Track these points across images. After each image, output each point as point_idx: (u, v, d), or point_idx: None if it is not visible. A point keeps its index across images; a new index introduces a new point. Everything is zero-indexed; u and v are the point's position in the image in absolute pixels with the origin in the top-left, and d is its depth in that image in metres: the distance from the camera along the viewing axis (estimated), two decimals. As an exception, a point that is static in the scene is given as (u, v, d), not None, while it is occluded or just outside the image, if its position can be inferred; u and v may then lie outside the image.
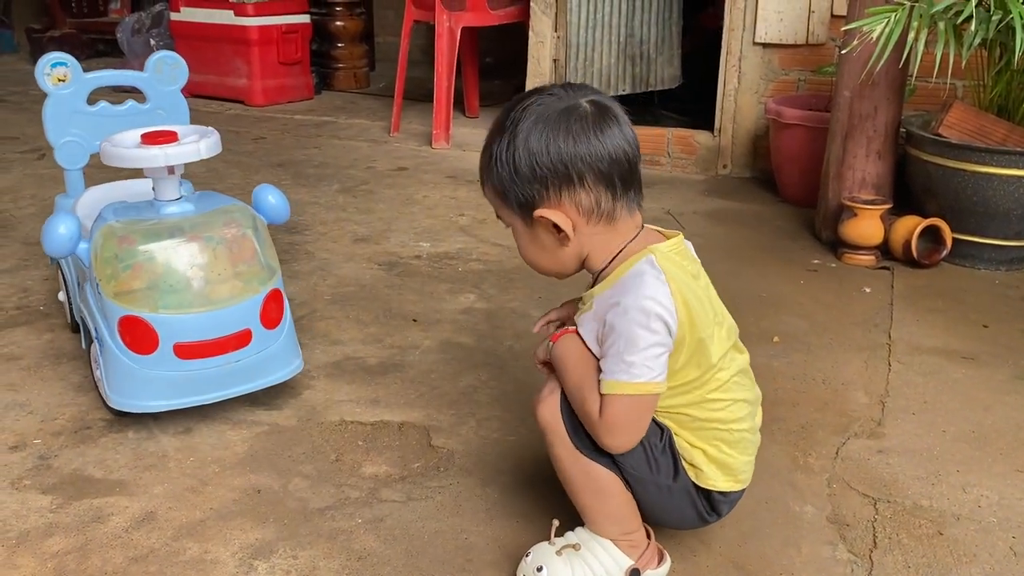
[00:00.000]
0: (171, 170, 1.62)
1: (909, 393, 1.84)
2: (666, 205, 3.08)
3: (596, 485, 1.23)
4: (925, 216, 2.52)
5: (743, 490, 1.29)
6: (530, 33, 3.66)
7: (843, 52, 2.52)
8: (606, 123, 1.16)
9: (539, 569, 1.24)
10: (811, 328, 2.14)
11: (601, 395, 1.16)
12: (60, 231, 1.59)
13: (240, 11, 4.51)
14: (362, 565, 1.32)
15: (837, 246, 2.61)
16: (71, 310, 1.97)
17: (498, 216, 1.26)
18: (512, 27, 4.06)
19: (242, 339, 1.63)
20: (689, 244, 1.30)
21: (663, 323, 1.13)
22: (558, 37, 3.62)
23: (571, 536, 1.27)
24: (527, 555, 1.27)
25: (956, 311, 2.25)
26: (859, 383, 1.88)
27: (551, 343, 1.26)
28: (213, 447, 1.62)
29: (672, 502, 1.25)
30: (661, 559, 1.29)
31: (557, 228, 1.18)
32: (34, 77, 1.90)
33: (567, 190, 1.16)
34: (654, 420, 1.22)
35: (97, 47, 6.01)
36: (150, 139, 1.59)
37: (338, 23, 5.08)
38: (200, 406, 1.66)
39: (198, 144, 1.60)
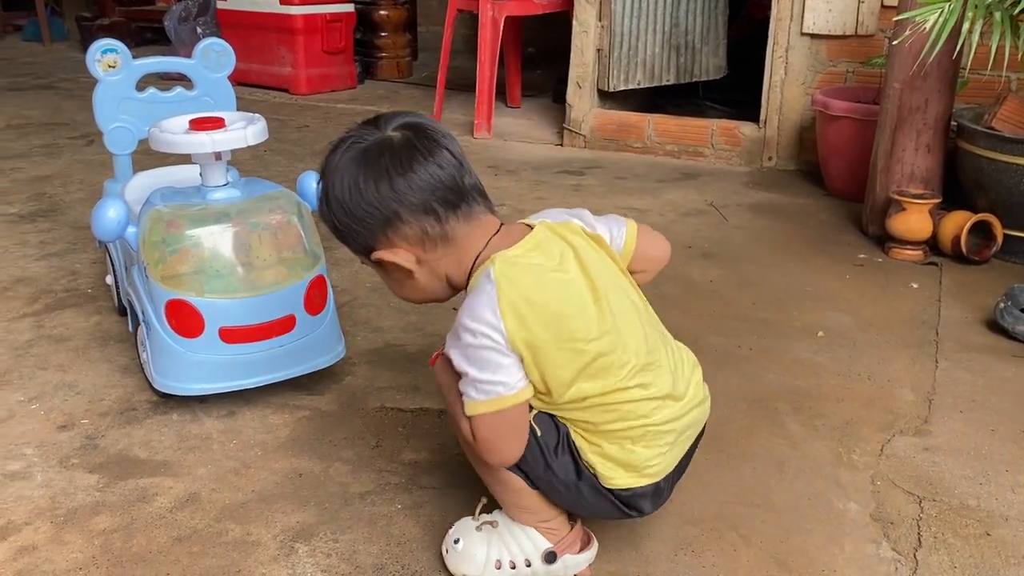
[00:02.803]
0: (218, 156, 1.64)
1: (957, 391, 1.81)
2: (709, 197, 3.05)
3: (505, 483, 1.23)
4: (975, 211, 2.47)
5: (658, 484, 1.21)
6: (574, 22, 3.64)
7: (894, 43, 2.47)
8: (412, 153, 1.14)
9: (456, 541, 1.27)
10: (856, 324, 2.11)
11: (467, 417, 1.14)
12: (109, 215, 1.61)
13: (286, 0, 4.54)
14: (401, 551, 1.33)
15: (884, 241, 2.57)
16: (118, 293, 2.00)
17: (362, 263, 1.25)
18: (555, 16, 4.04)
19: (286, 324, 1.64)
20: (579, 217, 1.25)
21: (488, 337, 1.09)
22: (602, 26, 3.59)
23: (495, 514, 1.28)
24: (451, 528, 1.30)
25: (1006, 308, 2.20)
26: (905, 380, 1.85)
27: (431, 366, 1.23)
28: (256, 430, 1.63)
29: (584, 499, 1.21)
30: (586, 545, 1.28)
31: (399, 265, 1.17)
32: (84, 65, 1.93)
33: (390, 229, 1.15)
34: (552, 420, 1.19)
35: (145, 35, 6.09)
36: (198, 125, 1.61)
37: (382, 12, 5.09)
38: (243, 390, 1.68)
39: (245, 131, 1.61)
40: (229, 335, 1.60)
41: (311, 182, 1.78)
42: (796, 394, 1.79)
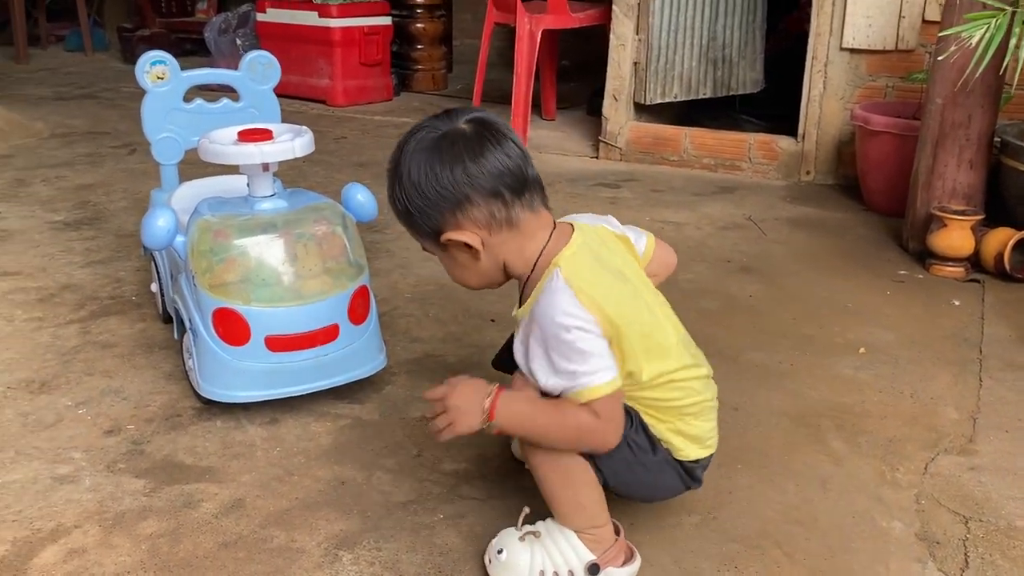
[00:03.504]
0: (266, 167, 1.66)
1: (1002, 410, 1.78)
2: (747, 211, 3.04)
3: (566, 475, 1.26)
4: (1019, 228, 2.44)
5: (712, 455, 1.35)
6: (611, 36, 3.65)
7: (939, 59, 2.45)
8: (483, 141, 1.22)
9: (500, 551, 1.29)
10: (898, 340, 2.09)
11: (584, 405, 1.18)
12: (159, 224, 1.64)
13: (324, 12, 4.59)
14: (444, 560, 1.33)
15: (925, 257, 2.54)
16: (163, 301, 2.03)
17: (423, 248, 1.32)
18: (591, 29, 4.05)
19: (330, 334, 1.66)
20: (607, 222, 1.35)
21: (583, 329, 1.17)
22: (639, 40, 3.60)
23: (538, 525, 1.31)
24: (495, 538, 1.32)
25: (1052, 327, 2.17)
26: (949, 398, 1.83)
27: (490, 421, 1.23)
28: (299, 438, 1.65)
29: (657, 477, 1.30)
30: (629, 559, 1.30)
31: (467, 246, 1.23)
32: (125, 75, 1.98)
33: (460, 211, 1.22)
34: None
35: (184, 46, 6.17)
36: (247, 137, 1.63)
37: (418, 25, 5.13)
38: (286, 398, 1.70)
39: (293, 142, 1.64)
40: (275, 343, 1.62)
41: (355, 193, 1.80)
42: (838, 411, 1.78)
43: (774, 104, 3.90)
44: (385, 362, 1.81)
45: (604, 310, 1.18)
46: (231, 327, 1.60)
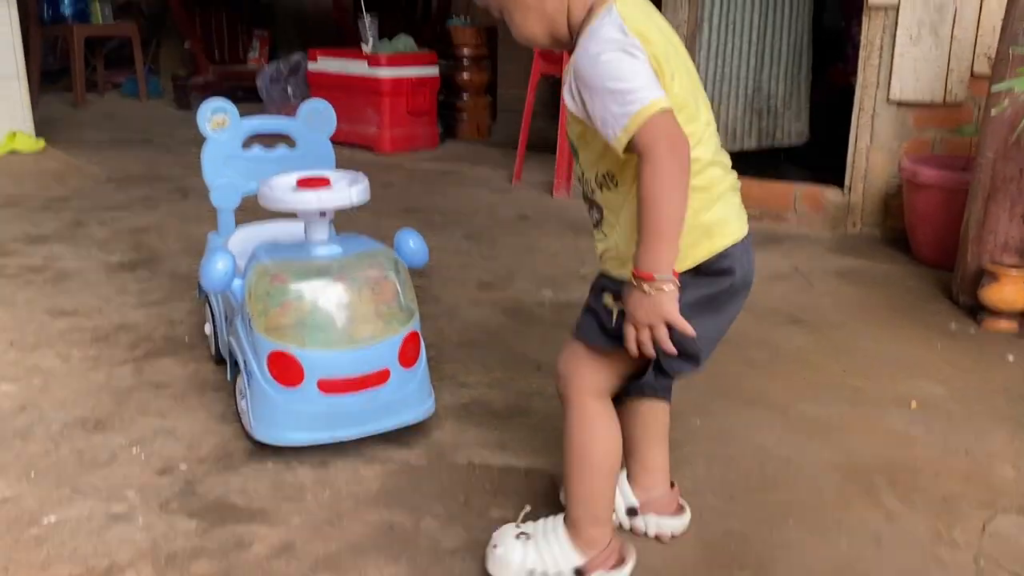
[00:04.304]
0: (323, 213, 1.69)
1: (1061, 469, 1.75)
2: (794, 262, 3.03)
3: (588, 455, 1.32)
4: (1074, 283, 2.41)
5: (748, 235, 1.32)
6: (656, 87, 3.68)
7: (992, 113, 2.44)
8: None
9: (495, 546, 1.37)
10: (951, 395, 2.06)
11: (630, 147, 1.16)
12: (218, 267, 1.68)
13: (374, 63, 4.69)
14: (493, 609, 1.33)
15: (976, 311, 2.51)
16: (216, 343, 2.06)
17: (492, 11, 1.29)
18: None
19: (381, 377, 1.68)
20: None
21: (628, 52, 1.15)
22: (684, 91, 3.63)
23: (532, 525, 1.40)
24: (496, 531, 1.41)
25: (1110, 385, 2.13)
26: (1005, 456, 1.80)
27: (660, 275, 1.18)
28: (348, 482, 1.66)
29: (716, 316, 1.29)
30: (620, 562, 1.34)
31: None
32: (179, 120, 2.03)
33: None
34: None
35: (236, 93, 6.32)
36: (306, 184, 1.67)
37: (464, 76, 5.22)
38: (335, 441, 1.71)
39: (350, 190, 1.67)
40: (327, 386, 1.64)
41: (408, 239, 1.83)
42: (891, 466, 1.75)
43: (820, 155, 3.90)
44: (434, 407, 1.82)
45: (653, 47, 1.18)
46: (285, 369, 1.63)
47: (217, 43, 6.67)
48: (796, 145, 3.98)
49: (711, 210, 1.26)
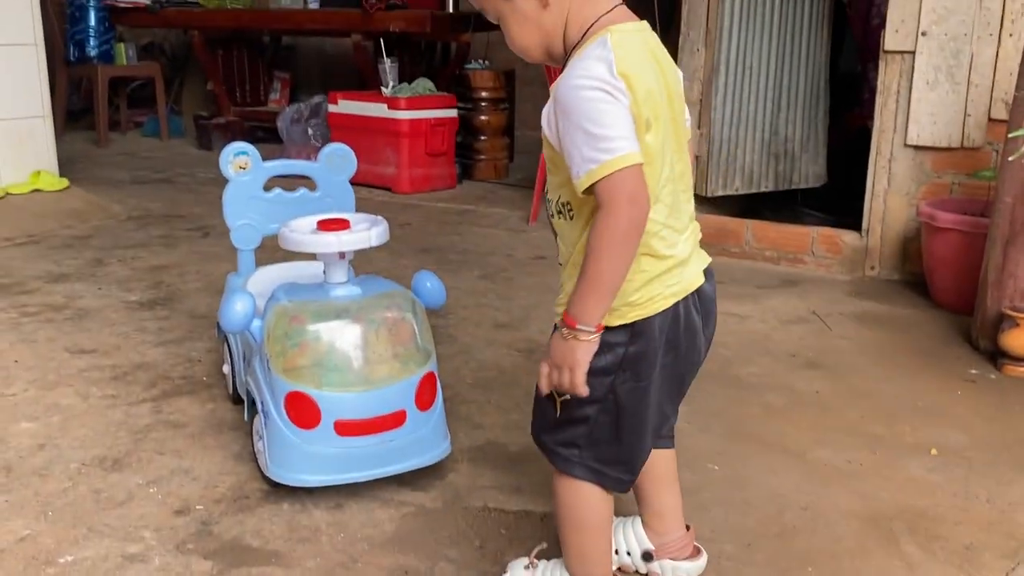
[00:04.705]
0: (342, 255, 1.71)
1: (1086, 519, 1.72)
2: (811, 304, 3.02)
3: (580, 521, 1.34)
4: (1096, 329, 2.39)
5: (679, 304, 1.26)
6: (673, 130, 3.70)
7: (1010, 159, 2.44)
8: None
9: (505, 574, 1.46)
10: (971, 442, 2.04)
11: (590, 189, 1.14)
12: (237, 308, 1.69)
13: (393, 105, 4.75)
14: (509, 657, 1.31)
15: (997, 356, 2.49)
16: (234, 383, 2.07)
17: (488, 16, 1.28)
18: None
19: (397, 419, 1.68)
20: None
21: (605, 91, 1.13)
22: (701, 133, 3.65)
23: (541, 563, 1.45)
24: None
25: None
26: (1028, 504, 1.77)
27: (575, 325, 1.19)
28: (363, 524, 1.65)
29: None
30: None
31: None
32: (199, 160, 2.06)
33: None
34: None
35: (256, 134, 6.41)
36: (325, 226, 1.69)
37: (482, 117, 5.27)
38: (350, 483, 1.71)
39: (369, 232, 1.69)
40: (343, 428, 1.64)
41: (426, 281, 1.84)
42: (911, 514, 1.73)
43: (837, 198, 3.90)
44: (449, 449, 1.82)
45: (637, 90, 1.15)
46: (302, 411, 1.63)
47: (239, 84, 6.76)
48: (813, 187, 3.98)
49: (640, 292, 1.23)
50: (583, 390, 1.20)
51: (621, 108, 1.13)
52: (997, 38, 3.04)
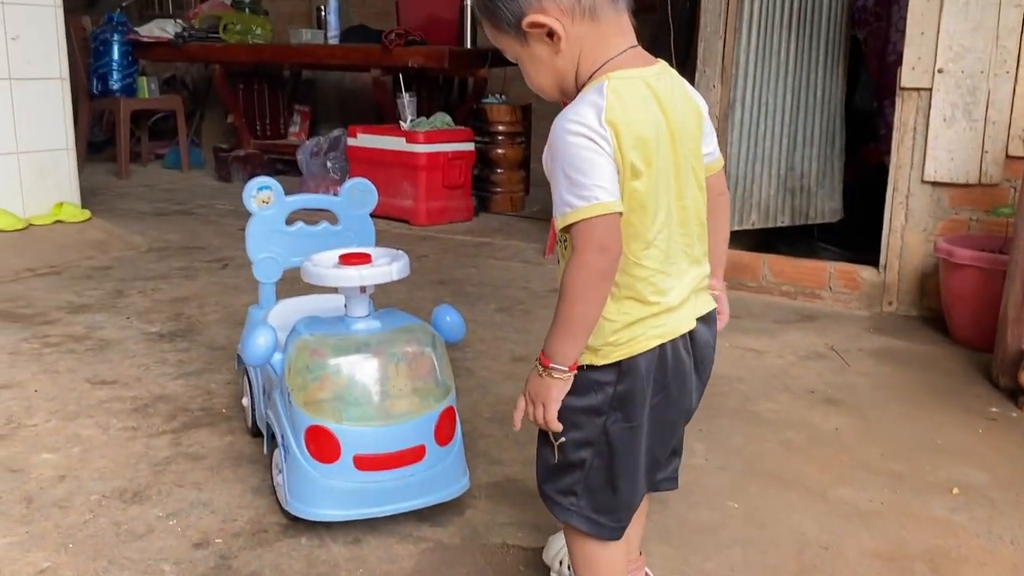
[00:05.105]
0: (363, 289, 1.72)
1: (1111, 561, 1.70)
2: (829, 340, 3.01)
3: (591, 565, 1.34)
4: (1118, 368, 2.37)
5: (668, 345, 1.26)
6: (690, 165, 3.72)
7: (1026, 195, 2.44)
8: None
9: None
10: (994, 482, 2.02)
11: (566, 232, 1.17)
12: (260, 342, 1.70)
13: (412, 139, 4.79)
14: None
15: (1017, 394, 2.47)
16: (253, 415, 2.08)
17: (507, 56, 1.30)
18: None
19: (417, 454, 1.68)
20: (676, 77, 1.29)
21: (591, 139, 1.15)
22: (718, 169, 3.66)
23: None
24: None
25: None
26: (1052, 546, 1.75)
27: (550, 364, 1.22)
28: (381, 560, 1.65)
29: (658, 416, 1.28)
30: None
31: (550, 35, 1.21)
32: (219, 192, 2.09)
33: None
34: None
35: (276, 166, 6.48)
36: (347, 260, 1.71)
37: (499, 151, 5.31)
38: (369, 518, 1.71)
39: (390, 266, 1.70)
40: (363, 462, 1.64)
41: (445, 315, 1.85)
42: (934, 554, 1.71)
43: (854, 232, 3.90)
44: (468, 485, 1.81)
45: (625, 137, 1.16)
46: (322, 445, 1.64)
47: (259, 117, 6.84)
48: (830, 222, 3.98)
49: (620, 333, 1.23)
50: (555, 426, 1.24)
51: (603, 157, 1.15)
52: (1014, 76, 3.06)
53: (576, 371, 1.22)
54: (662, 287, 1.23)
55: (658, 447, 1.33)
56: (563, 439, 1.26)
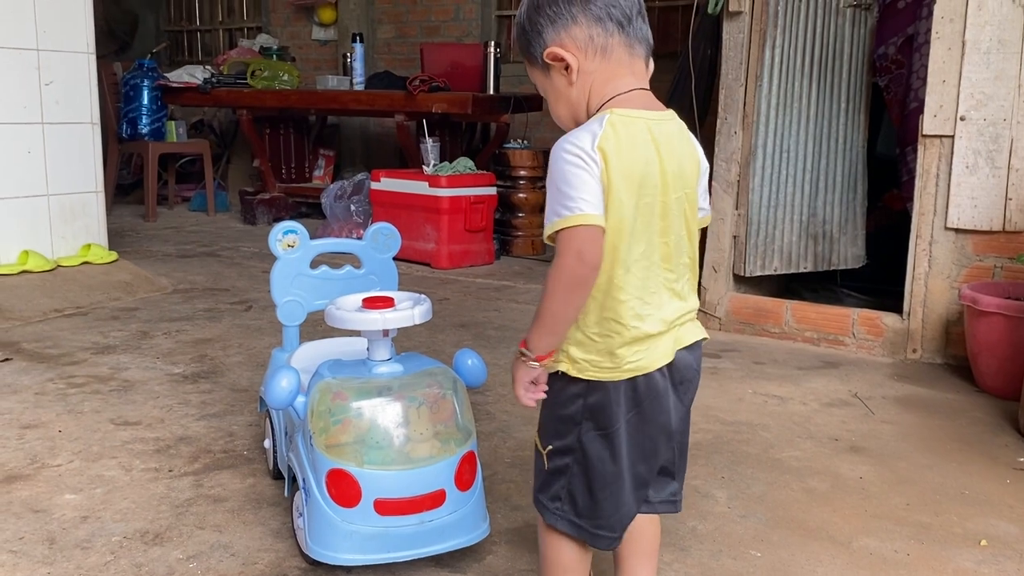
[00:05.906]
0: (386, 333, 1.73)
1: None
2: (853, 387, 2.99)
3: (551, 562, 1.44)
4: None
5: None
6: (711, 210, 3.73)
7: (1050, 243, 2.43)
8: None
9: None
10: (1022, 534, 1.98)
11: (556, 236, 1.26)
12: (283, 385, 1.72)
13: (434, 183, 4.85)
14: None
15: (1046, 444, 2.44)
16: (275, 458, 2.09)
17: (538, 87, 1.41)
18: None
19: (437, 499, 1.68)
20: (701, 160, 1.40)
21: (582, 159, 1.25)
22: (739, 215, 3.68)
23: None
24: None
25: None
26: (1084, 600, 1.72)
27: (524, 348, 1.35)
28: (400, 606, 1.64)
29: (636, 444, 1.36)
30: None
31: (567, 68, 1.33)
32: (244, 235, 2.12)
33: (564, 28, 1.32)
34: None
35: (300, 209, 6.56)
36: (370, 304, 1.72)
37: (520, 195, 5.36)
38: (389, 563, 1.70)
39: (413, 310, 1.71)
40: (383, 507, 1.64)
41: (467, 359, 1.86)
42: (962, 608, 1.68)
43: (877, 279, 3.89)
44: (488, 531, 1.80)
45: (613, 167, 1.25)
46: (344, 488, 1.64)
47: (284, 161, 6.94)
48: (853, 268, 3.97)
49: (603, 356, 1.33)
50: (524, 401, 1.37)
51: (591, 176, 1.25)
52: (1037, 123, 3.06)
53: (556, 373, 1.35)
54: (640, 313, 1.32)
55: (640, 462, 1.38)
56: (550, 447, 1.38)
